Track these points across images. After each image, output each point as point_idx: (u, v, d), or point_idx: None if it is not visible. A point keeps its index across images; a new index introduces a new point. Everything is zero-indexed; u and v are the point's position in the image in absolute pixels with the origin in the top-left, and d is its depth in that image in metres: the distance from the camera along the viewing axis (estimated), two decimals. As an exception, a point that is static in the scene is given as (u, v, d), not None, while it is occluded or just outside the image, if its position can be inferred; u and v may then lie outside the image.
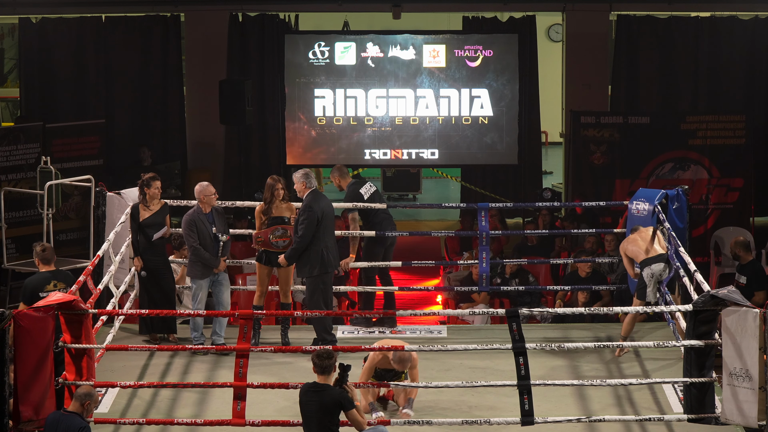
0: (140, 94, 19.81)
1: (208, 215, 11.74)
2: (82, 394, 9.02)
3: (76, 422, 8.90)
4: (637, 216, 12.27)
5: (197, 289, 11.78)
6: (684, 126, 17.99)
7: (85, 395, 9.01)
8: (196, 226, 11.66)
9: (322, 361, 9.05)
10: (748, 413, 9.49)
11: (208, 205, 11.75)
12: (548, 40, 25.96)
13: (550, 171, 23.62)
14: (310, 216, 11.48)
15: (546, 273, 15.63)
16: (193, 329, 11.81)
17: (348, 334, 12.43)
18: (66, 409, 9.04)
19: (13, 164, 16.36)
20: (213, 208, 11.80)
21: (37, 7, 19.47)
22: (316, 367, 9.07)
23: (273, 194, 11.81)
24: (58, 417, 9.00)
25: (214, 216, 11.78)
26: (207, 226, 11.69)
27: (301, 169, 11.77)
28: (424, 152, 18.89)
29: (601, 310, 10.40)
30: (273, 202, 11.82)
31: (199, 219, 11.69)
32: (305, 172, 11.69)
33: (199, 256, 11.67)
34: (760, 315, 9.38)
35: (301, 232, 11.48)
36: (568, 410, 10.23)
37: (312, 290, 11.64)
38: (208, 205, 11.75)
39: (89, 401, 9.02)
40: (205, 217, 11.72)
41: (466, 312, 11.31)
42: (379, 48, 18.72)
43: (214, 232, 11.74)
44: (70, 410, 8.97)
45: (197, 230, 11.65)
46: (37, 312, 9.48)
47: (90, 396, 9.04)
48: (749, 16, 19.65)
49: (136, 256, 11.99)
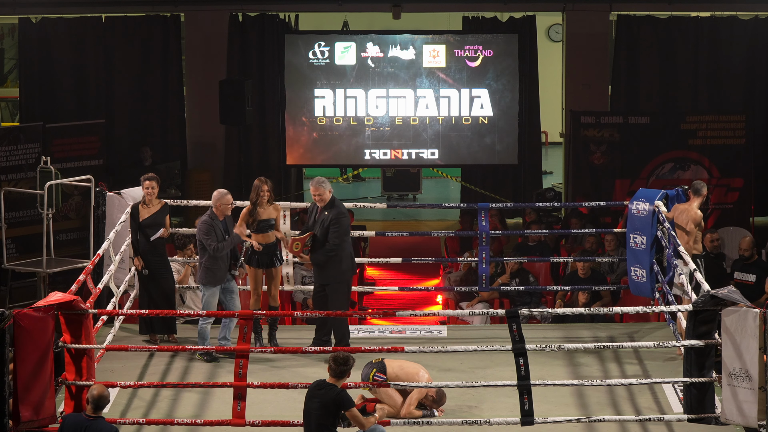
0: (140, 94, 19.81)
1: (222, 223, 11.66)
2: (101, 397, 8.89)
3: (106, 427, 8.76)
4: (637, 216, 12.27)
5: (209, 296, 11.58)
6: (684, 126, 18.00)
7: (102, 398, 8.86)
8: (215, 232, 11.57)
9: (338, 366, 9.09)
10: (748, 413, 9.50)
11: (223, 214, 11.67)
12: (548, 40, 25.96)
13: (550, 171, 23.62)
14: (345, 222, 11.54)
15: (546, 273, 15.63)
16: (200, 338, 11.54)
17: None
18: (87, 413, 8.83)
19: (13, 164, 16.36)
20: (225, 216, 11.71)
21: (37, 7, 19.47)
22: (331, 370, 9.11)
23: (259, 195, 11.75)
24: (79, 420, 8.81)
25: (227, 224, 11.70)
26: (221, 233, 11.61)
27: (317, 177, 11.62)
28: (424, 152, 18.90)
29: (601, 310, 10.40)
30: (259, 203, 11.76)
31: (215, 225, 11.61)
32: (325, 179, 11.62)
33: (218, 257, 11.52)
34: (760, 315, 9.38)
35: (337, 238, 11.44)
36: (568, 410, 10.23)
37: (340, 291, 11.61)
38: (222, 214, 11.66)
39: (107, 404, 8.95)
40: (219, 224, 11.64)
41: (466, 312, 11.32)
42: (379, 48, 18.73)
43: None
44: (91, 414, 8.78)
45: (215, 236, 11.58)
46: (37, 312, 9.48)
47: (107, 399, 8.93)
48: (749, 16, 19.64)
49: (136, 255, 11.98)
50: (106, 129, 18.37)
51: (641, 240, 12.24)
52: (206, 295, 11.60)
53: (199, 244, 11.58)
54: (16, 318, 9.36)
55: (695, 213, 11.64)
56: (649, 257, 12.20)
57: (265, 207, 11.77)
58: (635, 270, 12.38)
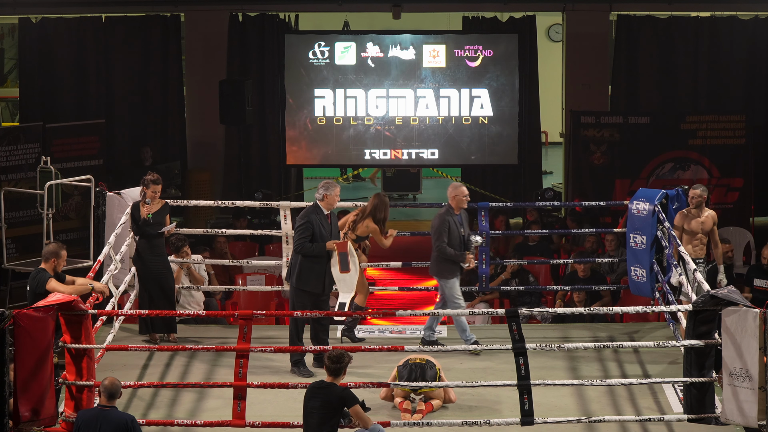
0: (140, 94, 19.81)
1: (458, 217, 11.57)
2: (113, 387, 9.00)
3: (121, 416, 8.93)
4: (637, 216, 12.27)
5: (450, 288, 11.62)
6: (684, 126, 18.00)
7: (115, 387, 8.99)
8: (449, 228, 11.49)
9: (333, 364, 9.14)
10: (748, 413, 9.49)
11: (459, 207, 11.57)
12: (548, 40, 25.96)
13: (550, 171, 23.61)
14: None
15: (546, 273, 15.63)
16: (460, 329, 11.63)
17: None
18: (101, 404, 8.99)
19: (13, 164, 16.37)
20: (461, 211, 11.61)
21: (37, 7, 19.48)
22: (327, 369, 9.16)
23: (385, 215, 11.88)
24: (93, 412, 8.96)
25: (462, 217, 11.63)
26: (457, 227, 11.56)
27: (324, 181, 11.38)
28: (424, 152, 18.90)
29: (601, 310, 10.40)
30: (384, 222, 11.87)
31: (452, 221, 11.52)
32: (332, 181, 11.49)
33: (446, 254, 11.54)
34: (760, 315, 9.38)
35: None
36: (568, 410, 10.23)
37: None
38: (458, 207, 11.56)
39: (120, 393, 9.07)
40: (454, 219, 11.54)
41: (466, 312, 11.30)
42: (379, 48, 18.73)
43: (462, 233, 11.63)
44: (106, 404, 8.94)
45: (449, 231, 11.51)
46: (37, 312, 9.48)
47: (119, 389, 9.04)
48: (749, 16, 19.65)
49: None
50: (106, 129, 18.38)
51: (641, 240, 12.25)
52: (447, 288, 11.64)
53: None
54: (16, 318, 9.35)
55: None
56: (649, 257, 12.21)
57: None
58: (635, 270, 12.39)
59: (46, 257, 10.46)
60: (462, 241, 11.57)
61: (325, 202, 11.10)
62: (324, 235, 11.03)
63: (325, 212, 11.11)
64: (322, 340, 11.19)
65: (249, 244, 17.00)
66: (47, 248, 10.54)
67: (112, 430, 8.84)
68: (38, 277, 10.39)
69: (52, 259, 10.45)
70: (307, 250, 10.98)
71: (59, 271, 10.53)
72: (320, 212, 11.10)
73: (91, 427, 8.87)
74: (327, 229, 11.08)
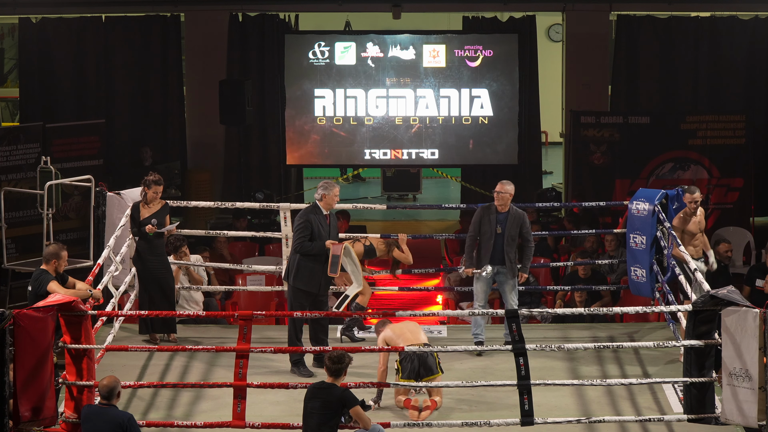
0: (140, 94, 19.81)
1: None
2: (111, 386, 9.05)
3: (118, 414, 9.01)
4: (637, 216, 12.27)
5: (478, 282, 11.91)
6: (684, 126, 17.99)
7: (111, 387, 9.04)
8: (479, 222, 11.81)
9: (333, 364, 9.17)
10: (748, 413, 9.49)
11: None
12: (548, 40, 25.96)
13: (550, 171, 23.62)
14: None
15: (546, 273, 15.62)
16: (474, 324, 11.84)
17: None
18: (102, 402, 9.06)
19: (13, 164, 16.36)
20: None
21: (37, 7, 19.47)
22: (328, 370, 9.19)
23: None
24: (92, 410, 9.07)
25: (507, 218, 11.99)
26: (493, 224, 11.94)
27: (324, 181, 11.32)
28: (424, 152, 18.89)
29: (601, 310, 10.39)
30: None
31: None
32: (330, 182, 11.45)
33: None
34: (760, 315, 9.38)
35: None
36: (568, 411, 10.23)
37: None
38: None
39: (119, 392, 9.12)
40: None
41: (466, 312, 11.30)
42: (379, 48, 18.73)
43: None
44: (105, 403, 9.03)
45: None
46: (37, 312, 9.48)
47: (117, 389, 9.09)
48: (749, 16, 19.65)
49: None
50: (106, 129, 18.37)
51: (641, 240, 12.25)
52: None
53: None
54: (16, 318, 9.35)
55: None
56: (649, 257, 12.21)
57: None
58: (635, 270, 12.39)
59: (47, 259, 10.47)
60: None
61: (324, 202, 11.10)
62: (323, 235, 11.04)
63: (324, 212, 11.12)
64: (321, 341, 11.20)
65: (249, 245, 17.00)
66: (47, 250, 10.54)
67: (108, 427, 8.91)
68: (40, 278, 10.40)
69: (52, 261, 10.46)
70: (306, 249, 10.99)
71: (60, 271, 10.54)
72: (319, 212, 11.10)
73: (91, 422, 8.99)
74: (326, 229, 11.09)
